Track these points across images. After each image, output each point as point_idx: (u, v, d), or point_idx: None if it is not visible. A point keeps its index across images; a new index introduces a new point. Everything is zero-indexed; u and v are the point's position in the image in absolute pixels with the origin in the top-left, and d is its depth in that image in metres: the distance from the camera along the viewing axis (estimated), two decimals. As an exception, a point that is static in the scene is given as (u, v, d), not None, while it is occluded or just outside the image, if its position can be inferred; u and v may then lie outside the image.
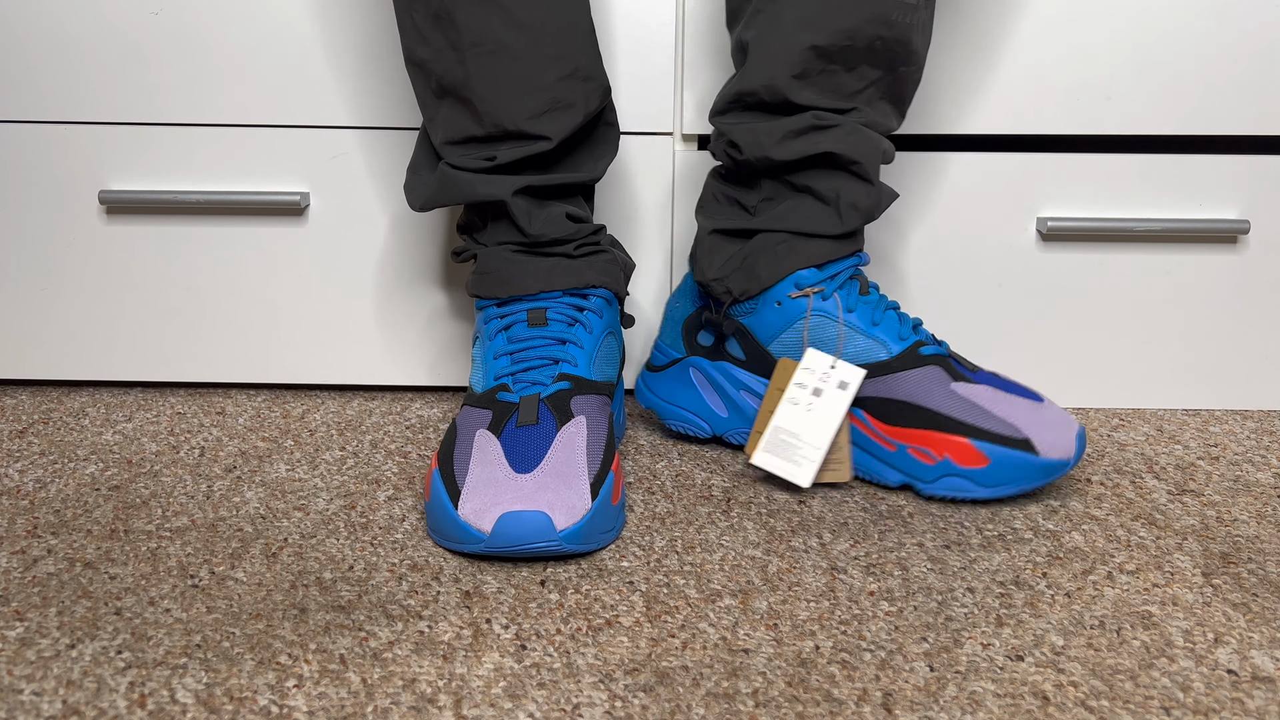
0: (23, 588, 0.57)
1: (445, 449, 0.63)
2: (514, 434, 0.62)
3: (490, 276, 0.68)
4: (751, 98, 0.67)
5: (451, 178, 0.67)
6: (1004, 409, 0.66)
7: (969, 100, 0.78)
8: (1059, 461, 0.65)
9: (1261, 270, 0.80)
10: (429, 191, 0.68)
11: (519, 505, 0.57)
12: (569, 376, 0.65)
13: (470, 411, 0.65)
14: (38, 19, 0.76)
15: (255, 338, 0.83)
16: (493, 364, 0.67)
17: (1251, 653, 0.52)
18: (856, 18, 0.64)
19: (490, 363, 0.67)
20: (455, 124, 0.66)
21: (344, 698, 0.48)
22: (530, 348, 0.66)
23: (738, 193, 0.71)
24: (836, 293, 0.69)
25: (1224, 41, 0.76)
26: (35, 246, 0.81)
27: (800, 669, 0.50)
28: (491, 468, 0.60)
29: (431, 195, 0.68)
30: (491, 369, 0.66)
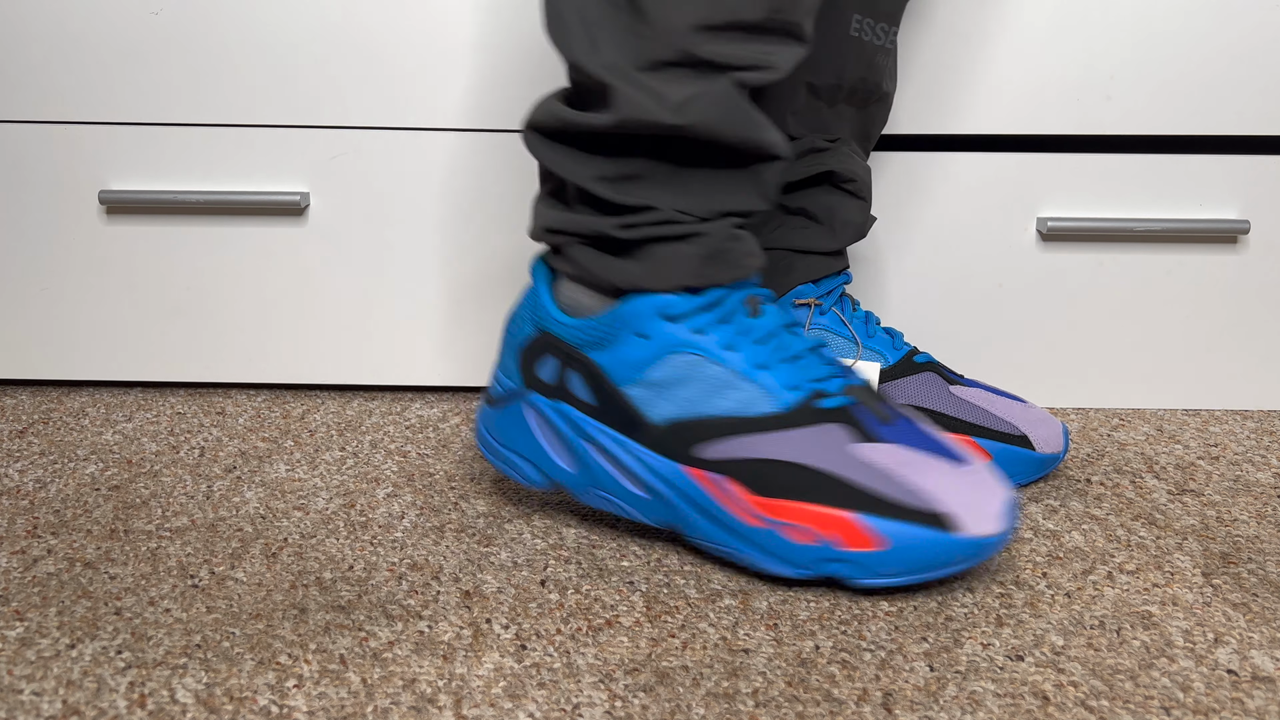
0: (23, 588, 0.57)
1: (846, 496, 0.53)
2: (906, 430, 0.55)
3: (729, 253, 0.55)
4: None
5: (743, 107, 0.51)
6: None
7: (969, 100, 0.78)
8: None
9: (1261, 270, 0.80)
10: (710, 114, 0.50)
11: (1000, 492, 0.54)
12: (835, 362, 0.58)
13: (797, 436, 0.54)
14: (38, 19, 0.76)
15: (255, 338, 0.83)
16: (786, 371, 0.55)
17: (1251, 653, 0.52)
18: (849, 60, 0.67)
19: (781, 370, 0.55)
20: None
21: (344, 698, 0.48)
22: (786, 336, 0.56)
23: None
24: (834, 307, 0.70)
25: (1224, 41, 0.76)
26: (35, 246, 0.81)
27: (800, 669, 0.50)
28: (936, 474, 0.54)
29: (708, 120, 0.50)
30: (791, 375, 0.55)
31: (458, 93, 0.78)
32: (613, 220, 0.54)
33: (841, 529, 0.53)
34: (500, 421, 0.60)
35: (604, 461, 0.57)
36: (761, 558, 0.55)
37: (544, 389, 0.58)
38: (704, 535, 0.56)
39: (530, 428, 0.59)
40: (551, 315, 0.57)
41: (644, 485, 0.57)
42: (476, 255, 0.81)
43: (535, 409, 0.58)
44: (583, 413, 0.57)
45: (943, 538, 0.53)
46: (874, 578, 0.54)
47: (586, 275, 0.56)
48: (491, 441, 0.61)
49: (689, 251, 0.54)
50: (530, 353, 0.58)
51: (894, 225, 0.81)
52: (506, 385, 0.60)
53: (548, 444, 0.59)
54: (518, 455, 0.60)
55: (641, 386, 0.55)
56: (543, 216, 0.57)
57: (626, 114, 0.50)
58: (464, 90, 0.77)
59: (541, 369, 0.58)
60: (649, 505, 0.57)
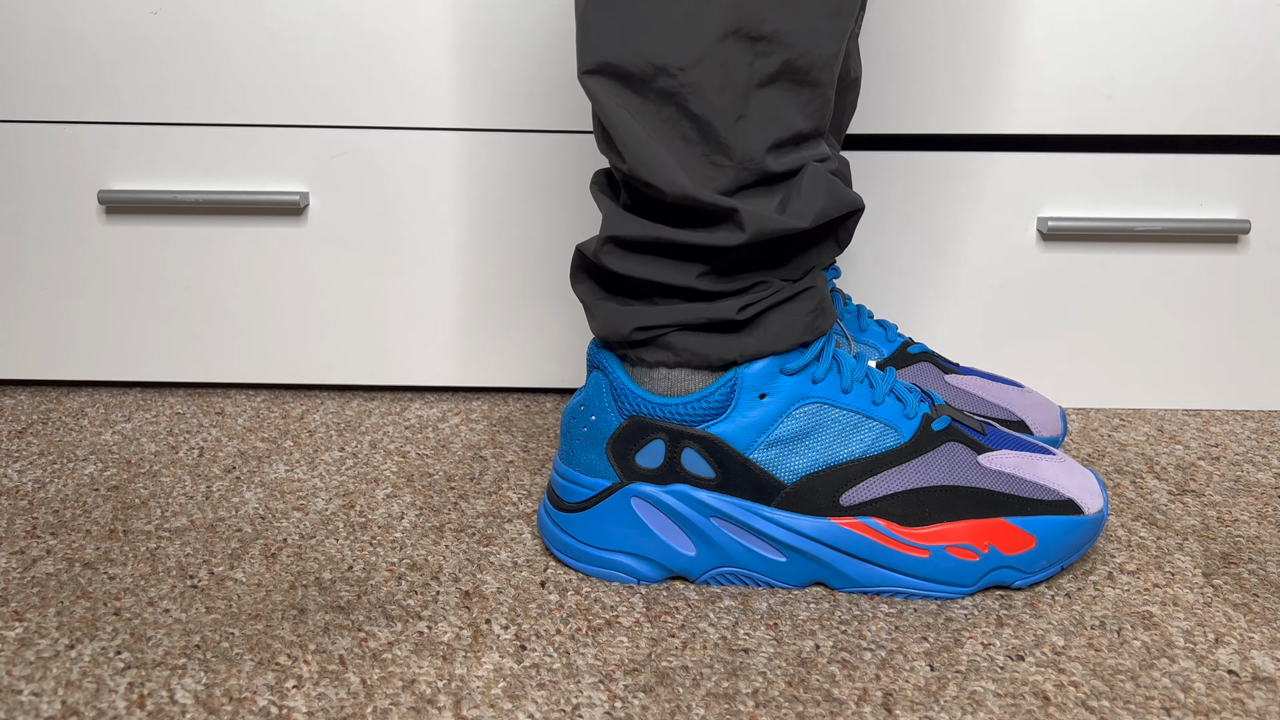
0: (22, 588, 0.57)
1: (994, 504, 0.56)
2: (997, 436, 0.59)
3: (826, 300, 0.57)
4: None
5: (833, 181, 0.54)
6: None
7: (969, 100, 0.78)
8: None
9: (1262, 270, 0.80)
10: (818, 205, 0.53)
11: (1088, 472, 0.59)
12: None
13: (929, 461, 0.56)
14: (37, 19, 0.76)
15: (254, 338, 0.83)
16: (894, 404, 0.58)
17: (1252, 653, 0.52)
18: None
19: (891, 403, 0.57)
20: (782, 118, 0.52)
21: (343, 698, 0.48)
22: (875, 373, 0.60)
23: None
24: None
25: (1224, 41, 0.76)
26: (35, 246, 0.81)
27: (800, 669, 0.50)
28: (1047, 466, 0.58)
29: (821, 207, 0.53)
30: (901, 407, 0.58)
31: (457, 93, 0.77)
32: (729, 304, 0.54)
33: (999, 537, 0.55)
34: (592, 524, 0.57)
35: (734, 534, 0.56)
36: (930, 586, 0.56)
37: (650, 476, 0.56)
38: (861, 581, 0.56)
39: (641, 521, 0.56)
40: (646, 399, 0.55)
41: (783, 548, 0.56)
42: (476, 255, 0.81)
43: (645, 499, 0.56)
44: (705, 489, 0.56)
45: (1076, 521, 0.57)
46: (1032, 576, 0.57)
47: (697, 360, 0.55)
48: (584, 548, 0.58)
49: (802, 309, 0.55)
50: (623, 443, 0.56)
51: (894, 225, 0.81)
52: (593, 484, 0.57)
53: (662, 532, 0.56)
54: (623, 554, 0.57)
55: (769, 448, 0.55)
56: (622, 316, 0.55)
57: (757, 229, 0.52)
58: (464, 90, 0.77)
59: (643, 456, 0.56)
60: (786, 568, 0.56)
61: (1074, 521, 0.56)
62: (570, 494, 0.58)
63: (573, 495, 0.58)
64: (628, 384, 0.56)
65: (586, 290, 0.58)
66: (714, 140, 0.51)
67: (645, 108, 0.51)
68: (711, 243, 0.52)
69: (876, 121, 0.78)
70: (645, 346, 0.56)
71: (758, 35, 0.50)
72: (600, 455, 0.57)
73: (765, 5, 0.49)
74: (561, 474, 0.59)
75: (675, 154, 0.52)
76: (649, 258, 0.54)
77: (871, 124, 0.78)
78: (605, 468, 0.57)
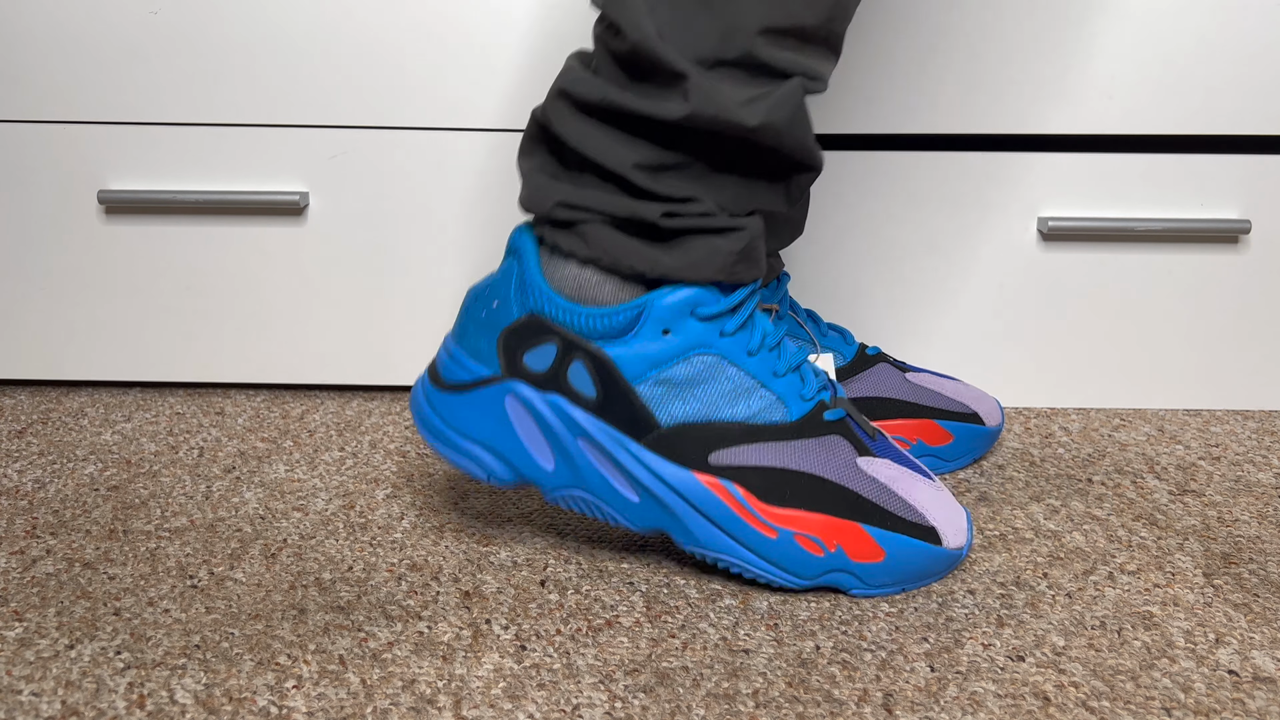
0: (21, 588, 0.57)
1: (856, 507, 0.54)
2: (886, 447, 0.57)
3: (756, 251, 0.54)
4: None
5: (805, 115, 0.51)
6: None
7: (969, 100, 0.78)
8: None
9: (1263, 270, 0.80)
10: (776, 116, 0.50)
11: (960, 509, 0.58)
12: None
13: (809, 447, 0.54)
14: (37, 19, 0.76)
15: (255, 338, 0.83)
16: (795, 381, 0.56)
17: (1253, 653, 0.52)
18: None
19: (791, 379, 0.55)
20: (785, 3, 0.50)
21: (343, 698, 0.48)
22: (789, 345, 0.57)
23: None
24: (789, 310, 0.71)
25: (1225, 41, 0.76)
26: (34, 246, 0.81)
27: (800, 669, 0.50)
28: (922, 490, 0.56)
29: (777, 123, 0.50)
30: (800, 386, 0.56)
31: (458, 93, 0.77)
32: (655, 206, 0.51)
33: (849, 540, 0.54)
34: (462, 408, 0.55)
35: (597, 462, 0.54)
36: (766, 567, 0.54)
37: (532, 379, 0.54)
38: (704, 542, 0.55)
39: (508, 419, 0.54)
40: (552, 299, 0.53)
41: (639, 488, 0.54)
42: (476, 255, 0.81)
43: (520, 400, 0.54)
44: (582, 408, 0.54)
45: (931, 550, 0.55)
46: (869, 589, 0.56)
47: (607, 259, 0.52)
48: (443, 428, 0.56)
49: (726, 246, 0.52)
50: (516, 337, 0.54)
51: (894, 225, 0.80)
52: (475, 370, 0.55)
53: (526, 438, 0.54)
54: (481, 447, 0.55)
55: (657, 385, 0.53)
56: (551, 188, 0.53)
57: (699, 108, 0.49)
58: (464, 90, 0.77)
59: (531, 357, 0.54)
60: (638, 509, 0.55)
61: (929, 549, 0.55)
62: (450, 373, 0.56)
63: (452, 375, 0.56)
64: (538, 279, 0.54)
65: (528, 163, 0.55)
66: (705, 1, 0.49)
67: None
68: (654, 112, 0.49)
69: (877, 121, 0.78)
70: (563, 230, 0.53)
71: None
72: (490, 343, 0.55)
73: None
74: (449, 351, 0.57)
75: (663, 5, 0.49)
76: (593, 124, 0.52)
77: (871, 124, 0.78)
78: (491, 357, 0.55)
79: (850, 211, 0.80)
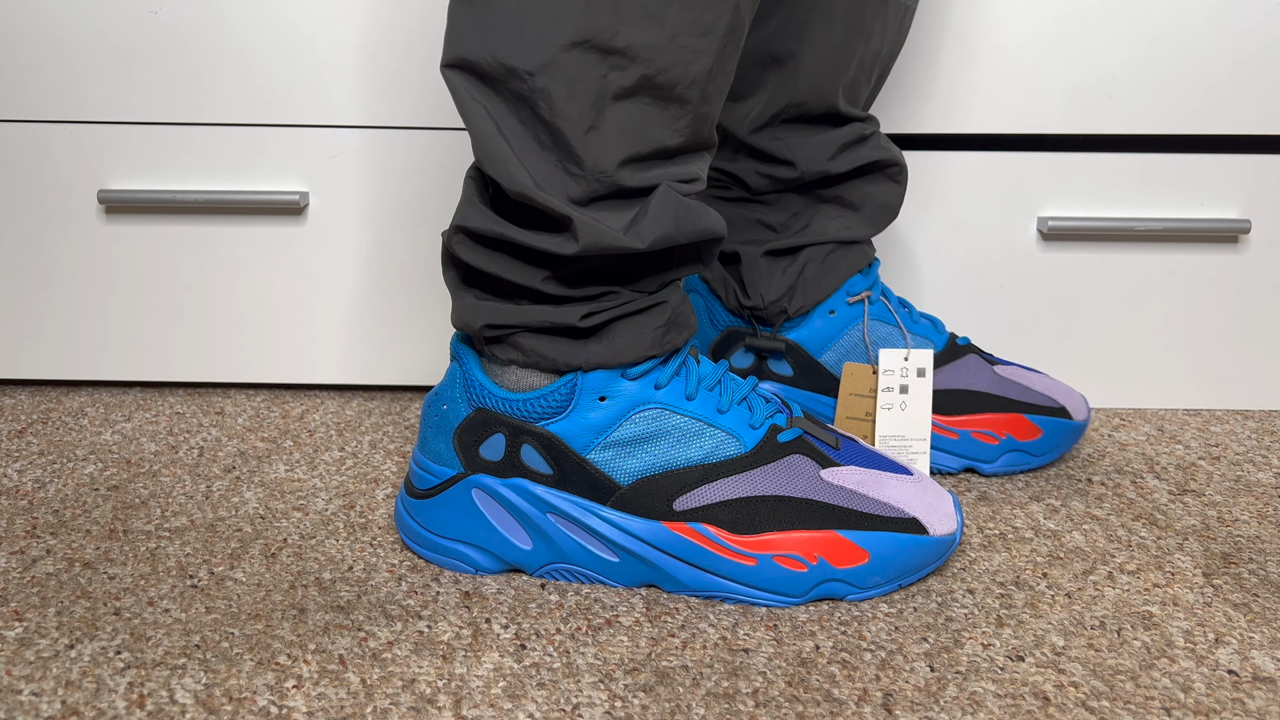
0: (22, 588, 0.57)
1: (826, 516, 0.55)
2: (851, 451, 0.59)
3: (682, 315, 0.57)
4: (798, 110, 0.67)
5: (686, 206, 0.53)
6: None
7: (969, 100, 0.78)
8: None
9: (1262, 270, 0.80)
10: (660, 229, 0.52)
11: (946, 495, 0.59)
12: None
13: (769, 471, 0.56)
14: (37, 19, 0.76)
15: (255, 338, 0.83)
16: (742, 413, 0.57)
17: (1252, 653, 0.52)
18: (893, 25, 0.67)
19: (738, 412, 0.57)
20: (642, 133, 0.51)
21: (343, 698, 0.48)
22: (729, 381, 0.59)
23: (758, 212, 0.71)
24: (881, 295, 0.71)
25: (1224, 41, 0.76)
26: (35, 246, 0.81)
27: (800, 669, 0.50)
28: (894, 485, 0.57)
29: (664, 232, 0.52)
30: (748, 416, 0.58)
31: (457, 92, 0.77)
32: (573, 310, 0.54)
33: (829, 549, 0.55)
34: (436, 512, 0.58)
35: (570, 531, 0.56)
36: (755, 594, 0.55)
37: (491, 468, 0.56)
38: (689, 586, 0.56)
39: (479, 511, 0.57)
40: (492, 392, 0.56)
41: (615, 549, 0.56)
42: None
43: (485, 490, 0.56)
44: (542, 485, 0.56)
45: (917, 540, 0.56)
46: (865, 591, 0.56)
47: (544, 362, 0.55)
48: (425, 534, 0.58)
49: (651, 324, 0.55)
50: (468, 433, 0.56)
51: (894, 225, 0.80)
52: (439, 472, 0.57)
53: (500, 524, 0.56)
54: (463, 544, 0.57)
55: (606, 449, 0.55)
56: (475, 311, 0.55)
57: (590, 242, 0.51)
58: (464, 90, 0.77)
59: (486, 448, 0.56)
60: (619, 569, 0.56)
61: (913, 540, 0.56)
62: (421, 481, 0.59)
63: (423, 482, 0.58)
64: (478, 376, 0.56)
65: (450, 278, 0.57)
66: (565, 148, 0.51)
67: (504, 107, 0.51)
68: (548, 248, 0.52)
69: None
70: (497, 344, 0.56)
71: (609, 48, 0.49)
72: (448, 444, 0.57)
73: (619, 19, 0.48)
74: (417, 461, 0.59)
75: (531, 157, 0.51)
76: (497, 254, 0.54)
77: (871, 124, 0.78)
78: (451, 457, 0.57)
79: (850, 211, 0.80)
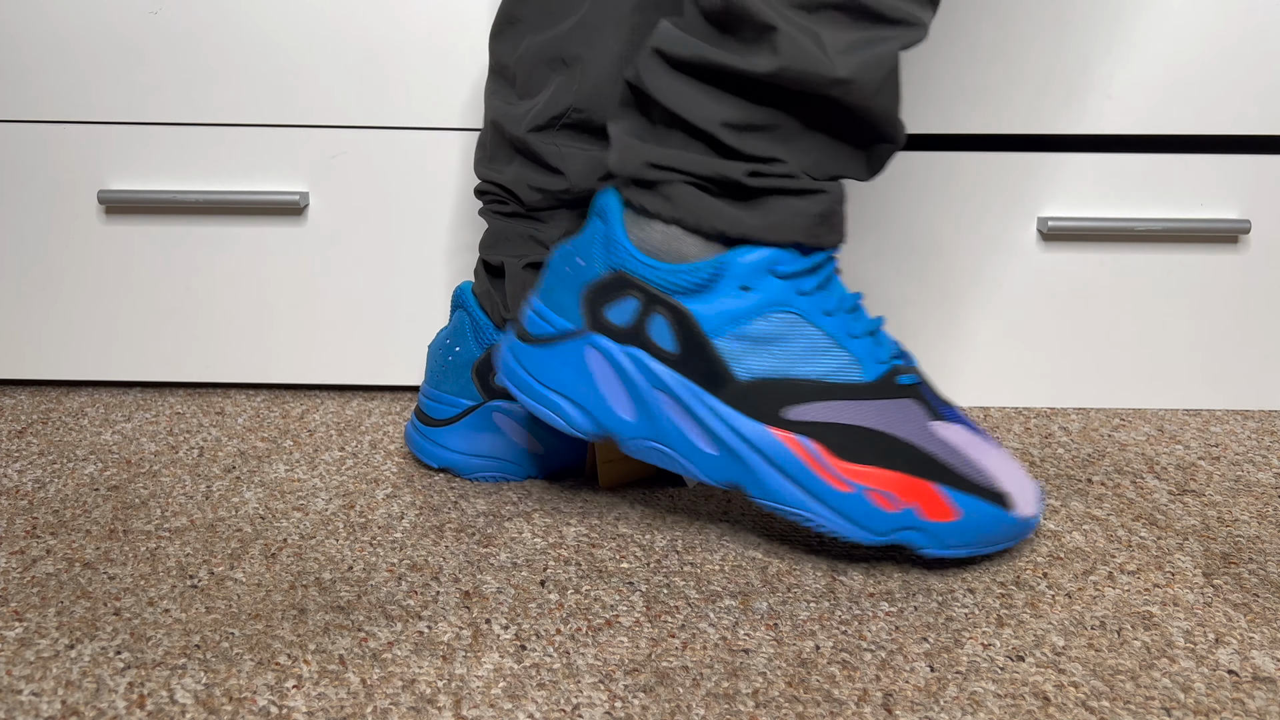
0: (22, 588, 0.57)
1: (929, 467, 0.55)
2: (957, 416, 0.58)
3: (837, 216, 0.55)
4: (580, 116, 0.63)
5: (895, 66, 0.53)
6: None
7: (969, 100, 0.78)
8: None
9: (1263, 270, 0.80)
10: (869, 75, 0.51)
11: (1032, 479, 0.59)
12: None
13: (883, 407, 0.55)
14: (37, 19, 0.76)
15: (255, 338, 0.83)
16: (870, 344, 0.56)
17: (1252, 653, 0.52)
18: None
19: (866, 341, 0.56)
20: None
21: (343, 698, 0.48)
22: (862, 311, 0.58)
23: (531, 228, 0.67)
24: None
25: (1225, 41, 0.76)
26: (34, 246, 0.81)
27: (800, 669, 0.50)
28: (994, 455, 0.57)
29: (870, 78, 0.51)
30: (875, 349, 0.56)
31: (458, 93, 0.77)
32: (740, 166, 0.52)
33: (923, 497, 0.55)
34: (547, 360, 0.57)
35: (675, 415, 0.55)
36: (839, 522, 0.55)
37: (614, 333, 0.55)
38: (777, 496, 0.55)
39: (589, 371, 0.56)
40: (635, 256, 0.55)
41: (716, 442, 0.55)
42: (476, 255, 0.81)
43: (601, 352, 0.55)
44: (661, 361, 0.55)
45: (1003, 515, 0.56)
46: (942, 549, 0.56)
47: (690, 219, 0.54)
48: (528, 379, 0.57)
49: (808, 209, 0.54)
50: (599, 293, 0.56)
51: (894, 225, 0.80)
52: (559, 324, 0.57)
53: (606, 390, 0.56)
54: (563, 397, 0.57)
55: (735, 340, 0.54)
56: (639, 150, 0.54)
57: (788, 61, 0.49)
58: (464, 90, 0.77)
59: (613, 312, 0.55)
60: (714, 462, 0.55)
61: (1001, 515, 0.56)
62: (535, 327, 0.58)
63: (537, 329, 0.58)
64: (621, 237, 0.55)
65: (616, 127, 0.57)
66: None
67: None
68: (743, 66, 0.50)
69: (876, 121, 0.78)
70: (650, 190, 0.55)
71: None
72: (574, 298, 0.56)
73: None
74: (533, 307, 0.58)
75: None
76: (684, 81, 0.53)
77: (871, 124, 0.78)
78: (574, 312, 0.56)
79: (850, 212, 0.80)
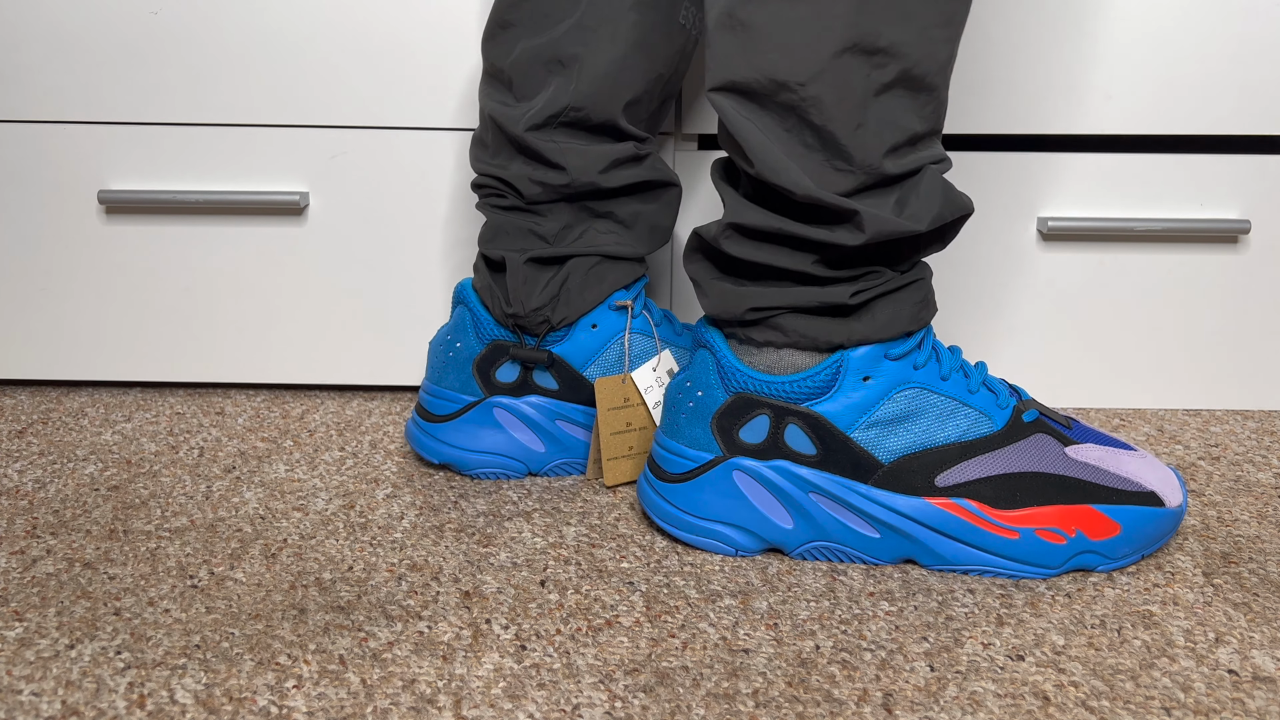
0: (22, 588, 0.57)
1: (1081, 491, 0.58)
2: (1081, 430, 0.61)
3: (931, 292, 0.60)
4: (577, 114, 0.65)
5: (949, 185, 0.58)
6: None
7: (969, 100, 0.78)
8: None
9: (1262, 270, 0.80)
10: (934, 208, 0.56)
11: (1168, 469, 0.61)
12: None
13: (1020, 449, 0.59)
14: (37, 19, 0.76)
15: (254, 338, 0.83)
16: (988, 394, 0.60)
17: (1252, 652, 0.52)
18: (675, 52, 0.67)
19: (984, 394, 0.60)
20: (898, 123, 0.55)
21: (343, 698, 0.48)
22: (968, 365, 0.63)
23: (530, 222, 0.67)
24: (643, 310, 0.70)
25: (1224, 41, 0.76)
26: (34, 246, 0.81)
27: (800, 669, 0.50)
28: (1130, 461, 0.60)
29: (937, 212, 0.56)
30: (994, 398, 0.60)
31: (458, 93, 0.77)
32: (842, 290, 0.57)
33: (1085, 522, 0.58)
34: (694, 494, 0.60)
35: (832, 510, 0.58)
36: (1017, 567, 0.58)
37: (752, 451, 0.59)
38: (952, 560, 0.58)
39: (741, 493, 0.59)
40: (753, 376, 0.58)
41: (877, 525, 0.58)
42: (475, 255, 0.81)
43: (747, 473, 0.59)
44: (806, 465, 0.58)
45: (1157, 513, 0.59)
46: (1116, 562, 0.59)
47: (806, 342, 0.58)
48: (685, 517, 0.60)
49: (909, 299, 0.58)
50: (728, 418, 0.59)
51: (894, 225, 0.80)
52: (697, 456, 0.60)
53: (761, 505, 0.59)
54: (723, 524, 0.60)
55: (869, 428, 0.58)
56: (736, 296, 0.58)
57: (876, 230, 0.54)
58: (464, 90, 0.77)
59: (747, 431, 0.59)
60: (880, 545, 0.59)
61: (1155, 513, 0.58)
62: (673, 465, 0.61)
63: (675, 466, 0.61)
64: (735, 362, 0.59)
65: (700, 270, 0.61)
66: (834, 147, 0.54)
67: (768, 119, 0.55)
68: (831, 240, 0.55)
69: (876, 121, 0.78)
70: (756, 326, 0.59)
71: (874, 49, 0.52)
72: (705, 429, 0.60)
73: (881, 20, 0.52)
74: (664, 446, 0.62)
75: (797, 160, 0.54)
76: (767, 245, 0.57)
77: (871, 124, 0.78)
78: (709, 441, 0.60)
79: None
